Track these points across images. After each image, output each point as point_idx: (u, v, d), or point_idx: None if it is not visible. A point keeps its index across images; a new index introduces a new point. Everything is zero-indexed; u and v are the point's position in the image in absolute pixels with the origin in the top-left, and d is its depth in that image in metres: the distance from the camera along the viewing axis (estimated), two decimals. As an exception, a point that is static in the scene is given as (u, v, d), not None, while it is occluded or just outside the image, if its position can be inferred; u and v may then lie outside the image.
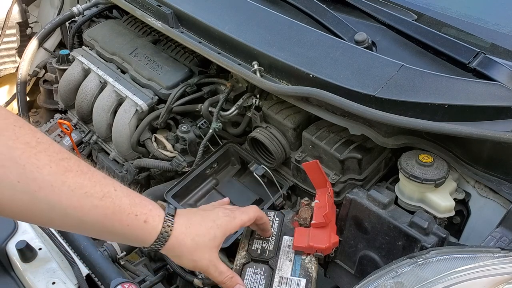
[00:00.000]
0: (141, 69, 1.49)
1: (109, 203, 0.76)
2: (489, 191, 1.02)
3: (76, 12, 1.73)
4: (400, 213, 0.99)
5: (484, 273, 0.75)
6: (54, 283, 0.98)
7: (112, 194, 0.77)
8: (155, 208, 0.83)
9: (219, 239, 0.89)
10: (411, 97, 0.96)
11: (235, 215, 0.93)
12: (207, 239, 0.86)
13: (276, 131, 1.23)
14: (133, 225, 0.78)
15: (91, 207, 0.74)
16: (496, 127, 0.93)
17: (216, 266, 0.88)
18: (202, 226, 0.88)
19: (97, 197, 0.75)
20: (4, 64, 2.08)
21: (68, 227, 0.80)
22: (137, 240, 0.82)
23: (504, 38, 1.11)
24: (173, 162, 1.38)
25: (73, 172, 0.73)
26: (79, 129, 1.67)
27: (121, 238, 0.83)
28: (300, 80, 1.09)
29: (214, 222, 0.89)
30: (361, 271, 1.03)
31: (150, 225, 0.80)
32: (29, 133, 0.71)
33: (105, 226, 0.77)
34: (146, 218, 0.80)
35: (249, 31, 1.21)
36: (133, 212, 0.78)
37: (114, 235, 0.81)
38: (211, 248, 0.87)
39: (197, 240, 0.85)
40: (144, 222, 0.79)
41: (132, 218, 0.78)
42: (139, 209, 0.80)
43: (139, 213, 0.79)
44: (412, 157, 1.03)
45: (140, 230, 0.80)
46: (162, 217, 0.82)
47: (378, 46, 1.14)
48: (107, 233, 0.79)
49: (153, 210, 0.82)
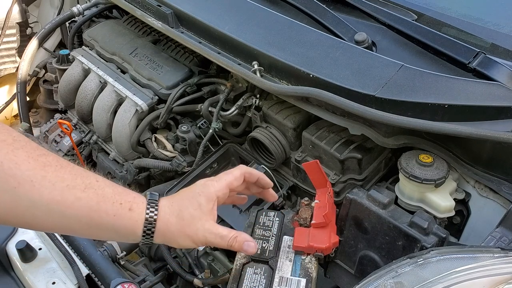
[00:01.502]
0: (141, 69, 1.49)
1: (92, 194, 0.74)
2: (489, 191, 1.02)
3: (76, 12, 1.73)
4: (400, 213, 0.99)
5: (484, 273, 0.75)
6: (54, 283, 0.98)
7: (95, 185, 0.75)
8: (138, 196, 0.81)
9: (205, 205, 0.84)
10: (411, 97, 0.96)
11: (219, 177, 0.89)
12: (192, 210, 0.83)
13: (276, 131, 1.23)
14: (119, 214, 0.76)
15: (74, 199, 0.72)
16: (496, 127, 0.93)
17: (214, 233, 0.84)
18: (183, 199, 0.84)
19: (80, 189, 0.73)
20: (4, 64, 2.08)
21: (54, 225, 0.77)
22: (127, 232, 0.79)
23: (504, 38, 1.11)
24: (173, 162, 1.38)
25: (52, 166, 0.72)
26: (79, 129, 1.67)
27: (110, 232, 0.79)
28: (300, 80, 1.09)
29: (194, 191, 0.86)
30: (361, 271, 1.03)
31: (135, 212, 0.78)
32: (5, 132, 0.70)
33: (92, 219, 0.74)
34: (130, 205, 0.78)
35: (249, 31, 1.21)
36: (118, 200, 0.77)
37: (102, 230, 0.78)
38: (200, 218, 0.83)
39: (182, 214, 0.82)
40: (129, 210, 0.77)
41: (117, 207, 0.76)
42: (123, 197, 0.78)
43: (124, 201, 0.77)
44: (412, 157, 1.03)
45: (126, 219, 0.77)
46: (145, 204, 0.80)
47: (378, 46, 1.14)
48: (95, 228, 0.76)
49: (136, 198, 0.80)
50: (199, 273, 1.23)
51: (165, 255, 1.27)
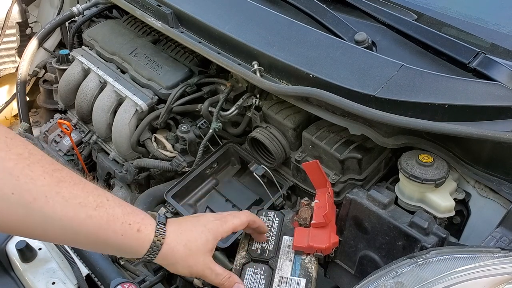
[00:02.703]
0: (141, 69, 1.49)
1: (103, 212, 0.75)
2: (489, 191, 1.02)
3: (76, 12, 1.73)
4: (400, 213, 0.99)
5: (484, 273, 0.75)
6: (54, 283, 0.98)
7: (106, 204, 0.77)
8: (147, 217, 0.83)
9: (211, 242, 0.89)
10: (411, 97, 0.96)
11: (226, 219, 0.93)
12: (199, 244, 0.87)
13: (276, 131, 1.23)
14: (127, 234, 0.78)
15: (86, 217, 0.74)
16: (496, 127, 0.93)
17: (211, 269, 0.89)
18: (193, 231, 0.88)
19: (91, 207, 0.74)
20: (4, 64, 2.08)
21: (63, 240, 0.79)
22: (131, 250, 0.81)
23: (504, 38, 1.11)
24: (173, 162, 1.38)
25: (66, 182, 0.73)
26: (79, 129, 1.67)
27: (115, 249, 0.81)
28: (300, 80, 1.09)
29: (205, 226, 0.89)
30: (361, 271, 1.03)
31: (143, 234, 0.80)
32: (21, 144, 0.70)
33: (100, 236, 0.76)
34: (139, 227, 0.80)
35: (249, 31, 1.21)
36: (127, 221, 0.78)
37: (108, 246, 0.80)
38: (204, 252, 0.87)
39: (190, 245, 0.85)
40: (137, 231, 0.79)
41: (125, 227, 0.78)
42: (132, 218, 0.80)
43: (132, 222, 0.79)
44: (412, 157, 1.03)
45: (134, 239, 0.79)
46: (154, 226, 0.82)
47: (378, 46, 1.14)
48: (102, 244, 0.78)
49: (145, 219, 0.82)
50: (199, 273, 1.23)
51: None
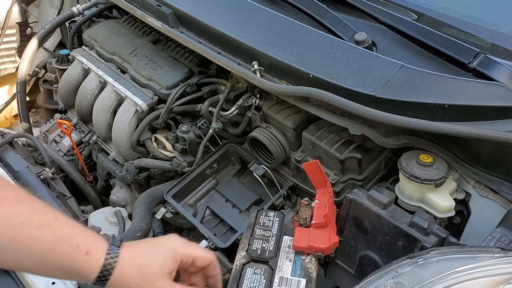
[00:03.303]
0: (141, 69, 1.49)
1: (48, 233, 0.70)
2: (489, 191, 1.02)
3: (76, 12, 1.73)
4: (400, 213, 0.99)
5: (484, 273, 0.75)
6: (54, 283, 0.98)
7: (52, 224, 0.72)
8: (99, 239, 0.77)
9: (169, 264, 0.80)
10: (411, 97, 0.96)
11: (190, 244, 0.86)
12: (155, 267, 0.79)
13: (276, 131, 1.23)
14: (74, 256, 0.72)
15: (29, 237, 0.69)
16: (496, 127, 0.93)
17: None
18: (150, 253, 0.80)
19: (35, 226, 0.70)
20: (4, 64, 2.08)
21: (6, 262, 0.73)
22: (80, 275, 0.75)
23: (504, 38, 1.12)
24: (173, 162, 1.38)
25: (9, 200, 0.69)
26: (79, 129, 1.67)
27: (62, 273, 0.75)
28: (300, 80, 1.09)
29: (163, 247, 0.82)
30: (361, 271, 1.03)
31: (92, 257, 0.73)
32: None
33: (44, 259, 0.71)
34: (88, 249, 0.73)
35: (249, 31, 1.21)
36: (74, 242, 0.72)
37: (54, 270, 0.74)
38: (161, 276, 0.79)
39: (144, 269, 0.77)
40: (86, 254, 0.73)
41: (73, 249, 0.72)
42: (81, 239, 0.74)
43: (81, 244, 0.73)
44: (412, 157, 1.03)
45: (82, 263, 0.73)
46: (105, 249, 0.75)
47: (378, 46, 1.14)
48: (47, 267, 0.73)
49: (96, 241, 0.75)
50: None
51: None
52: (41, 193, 1.20)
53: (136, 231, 1.20)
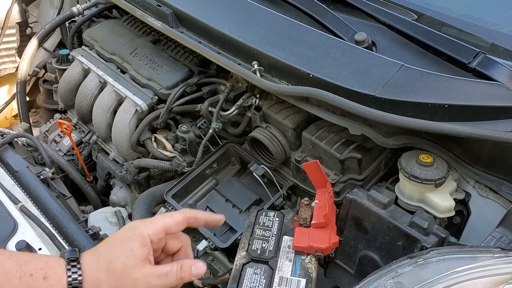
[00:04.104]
0: (141, 69, 1.49)
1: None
2: (489, 191, 1.02)
3: (76, 12, 1.73)
4: (400, 213, 0.99)
5: (484, 273, 0.75)
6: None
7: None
8: (52, 259, 0.70)
9: (138, 251, 0.71)
10: (411, 97, 0.96)
11: (153, 219, 0.76)
12: (124, 259, 0.70)
13: (276, 131, 1.23)
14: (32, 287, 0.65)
15: None
16: (496, 127, 0.93)
17: (157, 275, 0.72)
18: (112, 249, 0.72)
19: None
20: (4, 64, 2.08)
21: None
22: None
23: (504, 38, 1.12)
24: (173, 162, 1.38)
25: None
26: (79, 129, 1.67)
27: None
28: (300, 80, 1.09)
29: (123, 236, 0.73)
30: (361, 271, 1.03)
31: (52, 279, 0.66)
32: None
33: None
34: (44, 273, 0.66)
35: (249, 31, 1.21)
36: (26, 272, 0.65)
37: None
38: (134, 266, 0.70)
39: (113, 267, 0.70)
40: (44, 279, 0.66)
41: (26, 280, 0.65)
42: (32, 266, 0.66)
43: (34, 271, 0.66)
44: (412, 157, 1.03)
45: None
46: (63, 266, 0.68)
47: (378, 46, 1.14)
48: None
49: (50, 262, 0.68)
50: (199, 273, 1.23)
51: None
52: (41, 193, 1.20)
53: (136, 231, 1.20)
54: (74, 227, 1.10)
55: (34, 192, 1.20)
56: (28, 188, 1.21)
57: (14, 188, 1.20)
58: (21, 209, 1.11)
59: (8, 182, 1.21)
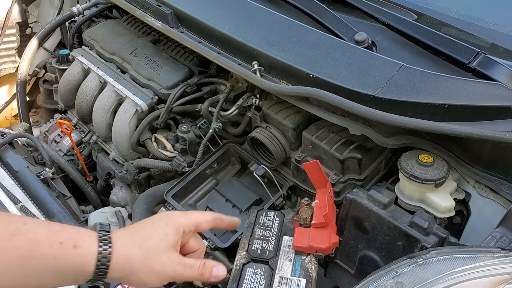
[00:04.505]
0: (141, 69, 1.49)
1: (21, 240, 0.63)
2: (489, 191, 1.02)
3: (76, 12, 1.73)
4: (400, 213, 0.99)
5: (484, 273, 0.75)
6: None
7: (22, 229, 0.64)
8: (83, 230, 0.70)
9: (172, 236, 0.74)
10: (411, 97, 0.96)
11: (188, 213, 0.82)
12: (158, 240, 0.73)
13: (276, 131, 1.23)
14: (61, 255, 0.65)
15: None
16: (496, 127, 0.93)
17: (182, 264, 0.75)
18: (147, 229, 0.74)
19: (4, 238, 0.62)
20: (4, 64, 2.08)
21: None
22: (75, 272, 0.67)
23: (504, 38, 1.11)
24: (173, 162, 1.38)
25: None
26: (79, 129, 1.67)
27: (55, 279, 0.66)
28: (300, 80, 1.09)
29: (160, 220, 0.76)
30: (361, 271, 1.03)
31: (82, 248, 0.66)
32: None
33: (27, 268, 0.63)
34: (74, 242, 0.66)
35: (249, 31, 1.21)
36: (56, 240, 0.65)
37: (44, 278, 0.65)
38: (166, 249, 0.73)
39: (146, 244, 0.72)
40: (73, 247, 0.66)
41: (56, 248, 0.65)
42: (62, 235, 0.66)
43: (64, 239, 0.66)
44: (412, 157, 1.03)
45: (72, 259, 0.66)
46: (94, 236, 0.68)
47: (378, 46, 1.14)
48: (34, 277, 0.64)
49: (80, 233, 0.68)
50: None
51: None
52: (41, 193, 1.20)
53: (136, 231, 1.20)
54: (74, 227, 1.10)
55: (34, 192, 1.20)
56: (28, 188, 1.21)
57: (14, 188, 1.20)
58: (21, 209, 1.11)
59: (8, 182, 1.22)
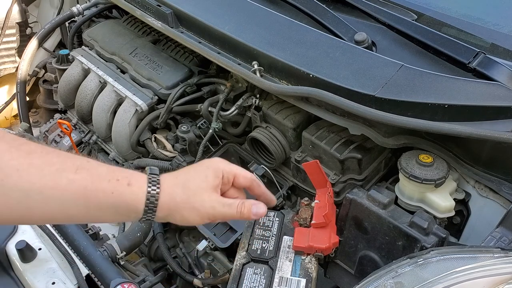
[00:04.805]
0: (141, 69, 1.49)
1: (85, 174, 0.71)
2: (489, 191, 1.02)
3: (76, 12, 1.73)
4: (400, 213, 0.99)
5: (484, 273, 0.75)
6: (54, 283, 0.97)
7: (86, 165, 0.72)
8: (136, 172, 0.78)
9: (212, 178, 0.81)
10: (411, 97, 0.96)
11: (230, 163, 0.86)
12: (198, 181, 0.80)
13: (276, 131, 1.23)
14: (117, 191, 0.73)
15: (67, 182, 0.69)
16: (496, 127, 0.93)
17: (222, 202, 0.81)
18: (190, 172, 0.82)
19: (71, 171, 0.70)
20: (4, 64, 2.07)
21: (50, 214, 0.72)
22: (128, 207, 0.75)
23: (504, 38, 1.11)
24: (173, 162, 1.38)
25: (37, 153, 0.69)
26: (78, 129, 1.67)
27: (111, 212, 0.75)
28: (300, 80, 1.09)
29: (202, 165, 0.84)
30: (361, 271, 1.03)
31: (135, 186, 0.75)
32: None
33: (89, 200, 0.71)
34: (129, 181, 0.75)
35: (249, 31, 1.21)
36: (114, 177, 0.73)
37: (102, 210, 0.74)
38: (206, 189, 0.80)
39: (188, 185, 0.79)
40: (128, 185, 0.74)
41: (114, 184, 0.73)
42: (119, 173, 0.75)
43: (121, 177, 0.74)
44: (412, 157, 1.03)
45: (127, 195, 0.74)
46: (145, 178, 0.77)
47: (378, 46, 1.14)
48: (94, 208, 0.73)
49: (134, 174, 0.77)
50: (199, 273, 1.23)
51: (165, 255, 1.27)
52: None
53: (136, 231, 1.20)
54: (74, 227, 1.10)
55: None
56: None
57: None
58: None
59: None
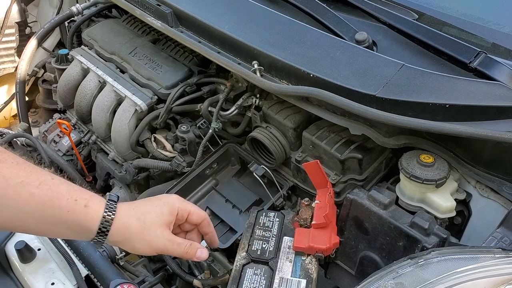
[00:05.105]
0: (140, 68, 1.49)
1: (46, 190, 0.75)
2: (490, 191, 1.02)
3: (75, 11, 1.73)
4: (401, 213, 0.98)
5: (485, 274, 0.75)
6: (53, 283, 0.97)
7: (49, 182, 0.76)
8: (96, 196, 0.82)
9: (167, 215, 0.86)
10: (412, 97, 0.96)
11: (185, 200, 0.92)
12: (154, 216, 0.84)
13: (276, 131, 1.23)
14: (73, 210, 0.77)
15: (28, 195, 0.73)
16: (497, 127, 0.93)
17: (172, 241, 0.86)
18: (147, 205, 0.86)
19: (34, 185, 0.74)
20: (3, 63, 2.07)
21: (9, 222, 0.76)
22: (81, 227, 0.79)
23: (505, 38, 1.11)
24: (173, 162, 1.37)
25: (7, 163, 0.73)
26: (78, 129, 1.67)
27: (64, 229, 0.79)
28: (300, 79, 1.09)
29: (160, 200, 0.89)
30: (362, 271, 1.03)
31: (91, 209, 0.78)
32: None
33: (45, 214, 0.75)
34: (86, 202, 0.78)
35: (249, 30, 1.21)
36: (72, 197, 0.77)
37: (56, 226, 0.78)
38: (160, 225, 0.85)
39: (144, 218, 0.83)
40: (84, 207, 0.78)
41: (71, 203, 0.77)
42: (79, 194, 0.78)
43: (79, 198, 0.78)
44: (413, 157, 1.02)
45: (81, 215, 0.77)
46: (103, 203, 0.80)
47: (379, 45, 1.14)
48: (49, 223, 0.76)
49: (93, 197, 0.81)
50: (199, 274, 1.23)
51: (165, 255, 1.26)
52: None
53: (135, 231, 1.20)
54: (73, 228, 1.10)
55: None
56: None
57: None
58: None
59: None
